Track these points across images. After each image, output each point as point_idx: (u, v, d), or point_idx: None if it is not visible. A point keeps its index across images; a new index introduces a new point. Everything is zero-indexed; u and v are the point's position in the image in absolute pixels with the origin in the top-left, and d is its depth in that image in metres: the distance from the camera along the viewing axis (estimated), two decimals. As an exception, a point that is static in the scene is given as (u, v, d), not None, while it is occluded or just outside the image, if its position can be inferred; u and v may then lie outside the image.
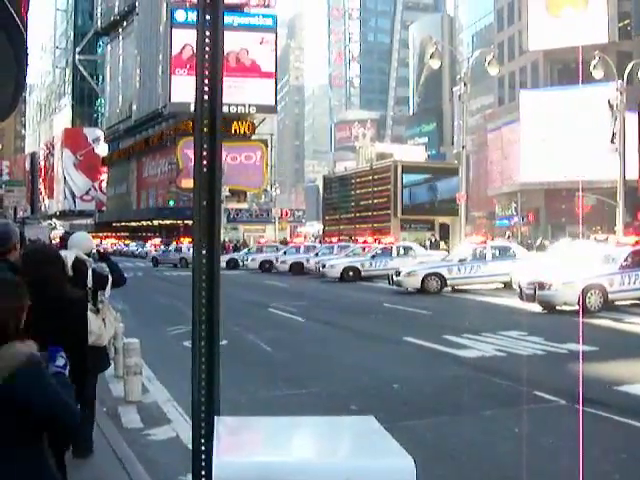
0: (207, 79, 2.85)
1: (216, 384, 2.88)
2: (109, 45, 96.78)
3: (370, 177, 56.39)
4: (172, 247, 50.55)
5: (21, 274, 3.53)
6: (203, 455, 2.77)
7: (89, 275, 5.84)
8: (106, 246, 64.05)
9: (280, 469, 2.35)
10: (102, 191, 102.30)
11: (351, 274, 29.92)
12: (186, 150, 62.76)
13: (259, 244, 48.01)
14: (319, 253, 36.51)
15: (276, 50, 71.08)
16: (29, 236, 26.49)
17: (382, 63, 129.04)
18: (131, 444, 6.37)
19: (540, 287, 17.54)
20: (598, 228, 43.56)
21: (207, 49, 2.85)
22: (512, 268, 23.37)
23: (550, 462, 6.04)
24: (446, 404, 8.25)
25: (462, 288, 23.94)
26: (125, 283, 6.81)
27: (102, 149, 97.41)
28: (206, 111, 2.86)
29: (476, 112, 69.93)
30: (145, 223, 77.82)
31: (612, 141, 31.41)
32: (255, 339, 13.32)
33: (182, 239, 51.47)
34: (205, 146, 2.86)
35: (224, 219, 50.79)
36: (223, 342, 3.06)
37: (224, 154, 3.05)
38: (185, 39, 62.30)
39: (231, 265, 41.02)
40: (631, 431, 7.00)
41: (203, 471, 2.75)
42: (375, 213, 54.50)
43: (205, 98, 2.85)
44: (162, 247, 54.10)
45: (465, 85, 32.04)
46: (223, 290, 2.92)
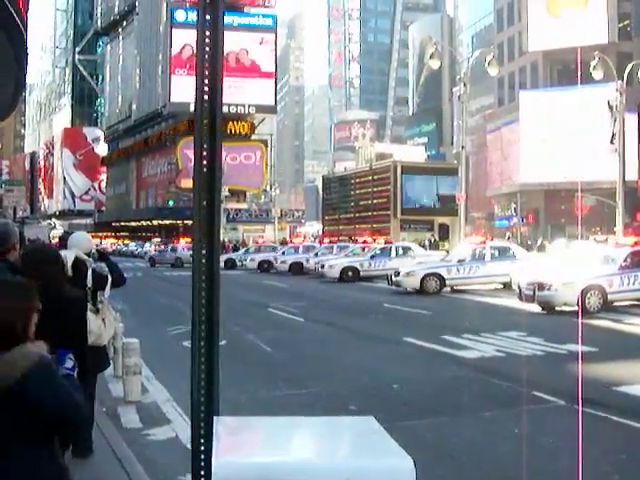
0: (207, 79, 2.85)
1: (216, 384, 2.88)
2: (109, 45, 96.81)
3: (370, 177, 56.39)
4: (169, 247, 50.69)
5: (20, 274, 3.52)
6: (202, 455, 2.77)
7: (89, 275, 5.84)
8: (105, 246, 64.03)
9: (280, 469, 2.35)
10: (102, 191, 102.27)
11: (350, 274, 29.91)
12: (186, 150, 62.76)
13: (257, 244, 48.07)
14: (318, 253, 36.49)
15: (276, 50, 71.06)
16: (28, 236, 26.51)
17: (382, 63, 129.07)
18: (130, 444, 6.37)
19: (540, 288, 17.55)
20: (597, 229, 43.59)
21: (207, 49, 2.84)
22: (511, 269, 23.37)
23: (550, 462, 6.05)
24: (446, 404, 8.26)
25: (461, 288, 23.95)
26: (125, 283, 6.82)
27: (102, 149, 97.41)
28: (206, 111, 2.86)
29: (476, 112, 69.92)
30: (145, 223, 77.78)
31: (612, 142, 31.40)
32: (255, 339, 13.32)
33: (182, 239, 51.51)
34: (205, 146, 2.86)
35: (224, 219, 50.79)
36: (223, 342, 3.06)
37: (224, 154, 3.05)
38: (185, 39, 62.31)
39: (229, 265, 41.01)
40: (630, 432, 7.01)
41: (202, 471, 2.75)
42: (375, 213, 54.51)
43: (205, 98, 2.85)
44: (158, 247, 54.26)
45: (465, 85, 32.04)
46: (223, 290, 2.92)
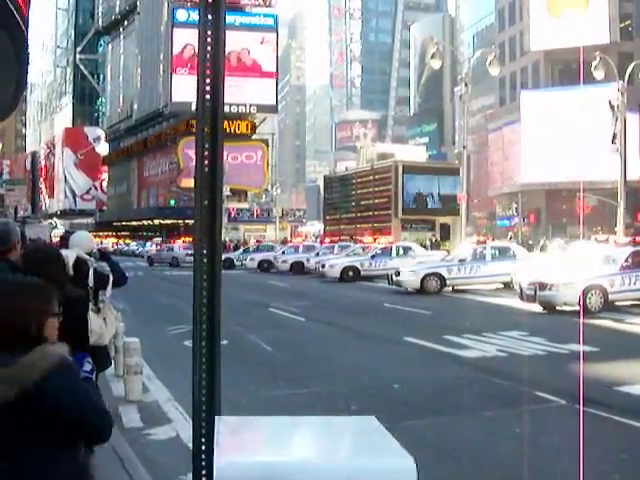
0: (209, 79, 2.85)
1: (217, 384, 2.87)
2: (110, 44, 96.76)
3: (371, 177, 56.31)
4: (165, 247, 50.82)
5: (22, 273, 3.52)
6: (203, 455, 2.76)
7: (90, 274, 5.84)
8: (107, 245, 64.10)
9: (281, 469, 2.35)
10: (103, 190, 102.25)
11: (351, 274, 29.91)
12: (187, 150, 62.72)
13: (257, 243, 48.10)
14: (319, 253, 36.46)
15: (277, 50, 71.08)
16: (30, 235, 26.53)
17: (383, 63, 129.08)
18: (131, 444, 6.37)
19: (541, 287, 17.56)
20: (599, 229, 43.53)
21: (209, 48, 2.84)
22: (512, 268, 23.37)
23: (551, 462, 6.04)
24: (447, 404, 8.25)
25: (462, 288, 23.95)
26: (126, 283, 6.81)
27: (103, 148, 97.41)
28: (208, 111, 2.85)
29: (477, 112, 69.95)
30: (146, 222, 77.74)
31: (613, 142, 31.40)
32: (256, 339, 13.32)
33: (182, 238, 51.53)
34: (207, 146, 2.86)
35: (225, 219, 50.75)
36: (224, 342, 3.06)
37: (225, 154, 3.05)
38: (186, 38, 62.34)
39: (226, 265, 40.79)
40: (631, 431, 7.00)
41: (203, 471, 2.74)
42: (376, 213, 54.45)
43: (207, 98, 2.85)
44: (159, 247, 54.37)
45: (466, 85, 32.06)
46: (223, 290, 2.92)
